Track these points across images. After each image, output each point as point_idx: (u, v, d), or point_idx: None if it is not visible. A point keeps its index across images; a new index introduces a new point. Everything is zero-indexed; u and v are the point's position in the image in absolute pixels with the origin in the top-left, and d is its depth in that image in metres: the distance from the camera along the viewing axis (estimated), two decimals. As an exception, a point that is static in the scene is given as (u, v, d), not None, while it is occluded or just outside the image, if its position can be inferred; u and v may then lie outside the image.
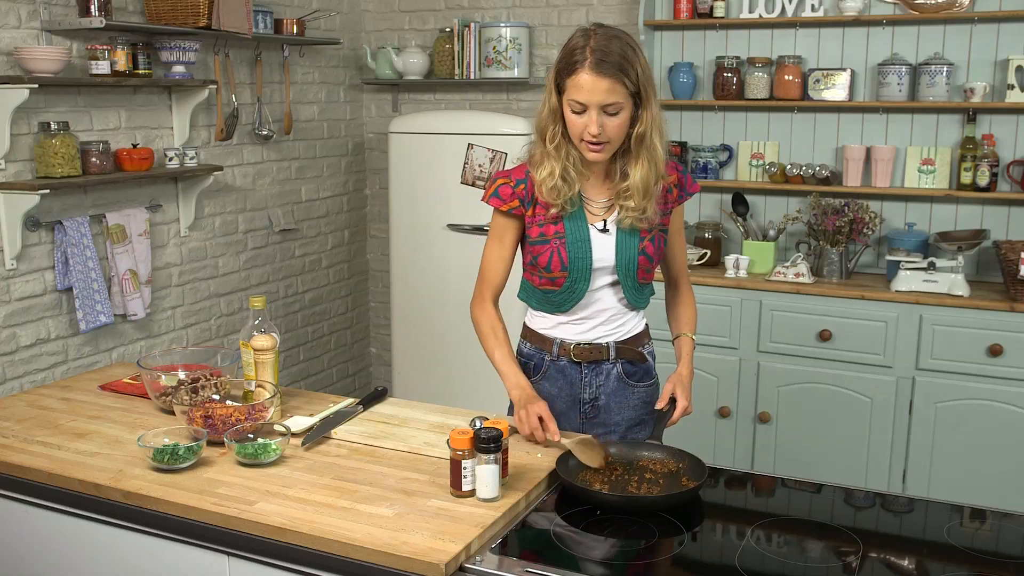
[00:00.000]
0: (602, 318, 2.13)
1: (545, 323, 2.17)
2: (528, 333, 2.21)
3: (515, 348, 2.20)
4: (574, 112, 1.94)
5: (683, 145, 4.01)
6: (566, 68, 1.93)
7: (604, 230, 2.07)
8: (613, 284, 2.11)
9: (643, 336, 2.22)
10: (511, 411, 2.16)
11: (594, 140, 1.95)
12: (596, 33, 1.93)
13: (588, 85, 1.89)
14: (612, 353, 2.15)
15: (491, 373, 2.32)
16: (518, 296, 2.22)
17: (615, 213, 2.07)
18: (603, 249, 2.07)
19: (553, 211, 2.05)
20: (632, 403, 2.19)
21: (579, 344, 2.13)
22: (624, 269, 2.08)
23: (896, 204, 3.82)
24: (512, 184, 2.08)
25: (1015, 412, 3.28)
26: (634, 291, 2.12)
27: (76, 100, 3.25)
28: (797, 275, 3.59)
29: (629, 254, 2.07)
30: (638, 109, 1.96)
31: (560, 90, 1.97)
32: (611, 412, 2.18)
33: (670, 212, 2.14)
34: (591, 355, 2.14)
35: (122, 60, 3.22)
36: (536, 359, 2.18)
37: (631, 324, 2.18)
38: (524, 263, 2.17)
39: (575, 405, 2.17)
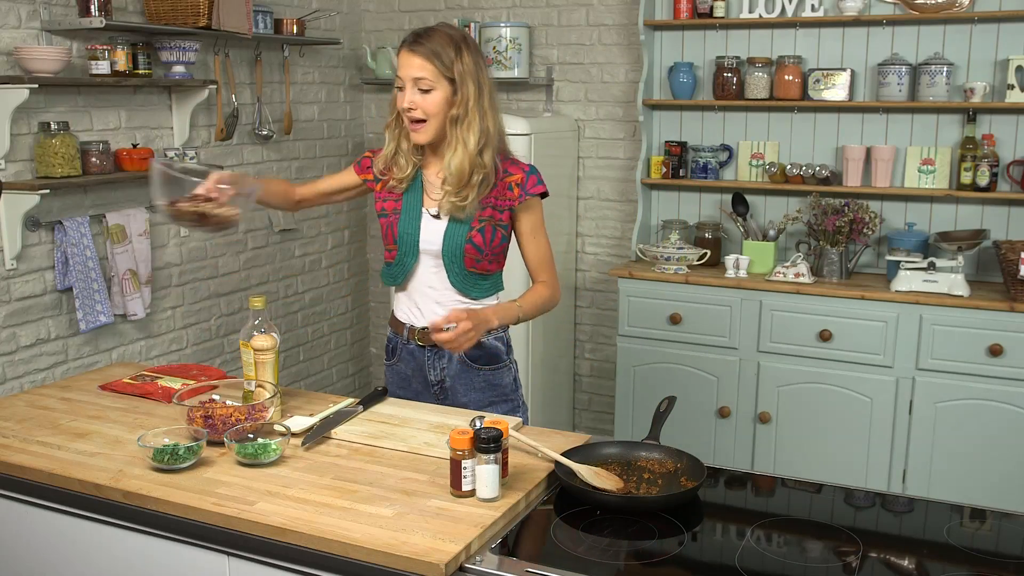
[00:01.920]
0: (433, 299, 2.25)
1: (398, 307, 2.33)
2: (391, 318, 2.39)
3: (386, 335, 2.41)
4: (398, 89, 2.16)
5: (683, 145, 4.01)
6: (397, 52, 2.20)
7: (436, 216, 2.22)
8: (438, 269, 2.24)
9: None
10: None
11: (409, 116, 2.14)
12: (421, 29, 2.16)
13: (403, 61, 2.13)
14: None
15: (491, 373, 2.34)
16: (381, 275, 2.36)
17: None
18: (432, 232, 2.22)
19: (392, 183, 2.25)
20: (478, 385, 2.29)
21: (423, 328, 2.27)
22: (450, 255, 2.21)
23: (896, 204, 3.82)
24: (373, 158, 2.33)
25: (1015, 412, 3.28)
26: (460, 277, 2.23)
27: (76, 100, 3.25)
28: (797, 275, 3.59)
29: (457, 241, 2.20)
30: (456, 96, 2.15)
31: None
32: (458, 394, 2.30)
33: (508, 209, 2.23)
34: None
35: (122, 60, 3.22)
36: (394, 342, 2.37)
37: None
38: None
39: (426, 387, 2.32)
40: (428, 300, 2.26)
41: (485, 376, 2.29)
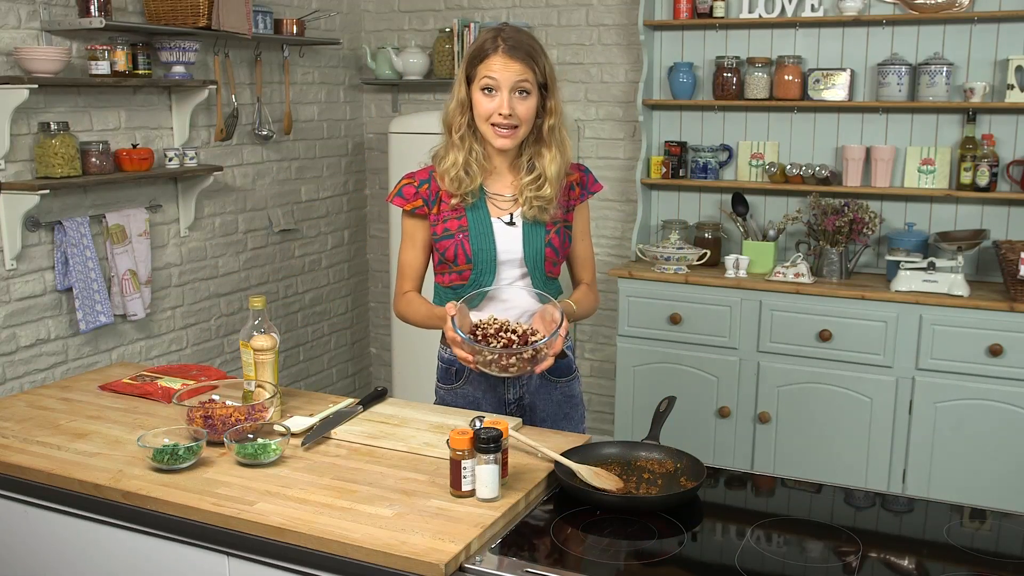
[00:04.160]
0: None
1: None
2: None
3: (436, 354, 2.27)
4: (485, 92, 2.05)
5: (683, 145, 4.01)
6: (477, 56, 2.06)
7: (510, 223, 2.14)
8: (522, 277, 2.16)
9: None
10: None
11: (505, 122, 2.05)
12: (504, 29, 2.08)
13: (501, 66, 2.03)
14: None
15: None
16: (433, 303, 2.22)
17: (520, 207, 2.14)
18: (509, 242, 2.13)
19: (454, 201, 2.12)
20: (556, 399, 2.25)
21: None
22: (532, 261, 2.14)
23: (896, 204, 3.82)
24: (415, 184, 2.17)
25: (1015, 412, 3.28)
26: (543, 285, 2.17)
27: (76, 100, 3.25)
28: (797, 275, 3.59)
29: (536, 246, 2.14)
30: (545, 101, 2.09)
31: (470, 80, 2.08)
32: (536, 410, 2.23)
33: (573, 209, 2.22)
34: None
35: (122, 60, 3.22)
36: (458, 364, 2.21)
37: None
38: (434, 265, 2.22)
39: (500, 407, 2.22)
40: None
41: (561, 389, 2.25)
